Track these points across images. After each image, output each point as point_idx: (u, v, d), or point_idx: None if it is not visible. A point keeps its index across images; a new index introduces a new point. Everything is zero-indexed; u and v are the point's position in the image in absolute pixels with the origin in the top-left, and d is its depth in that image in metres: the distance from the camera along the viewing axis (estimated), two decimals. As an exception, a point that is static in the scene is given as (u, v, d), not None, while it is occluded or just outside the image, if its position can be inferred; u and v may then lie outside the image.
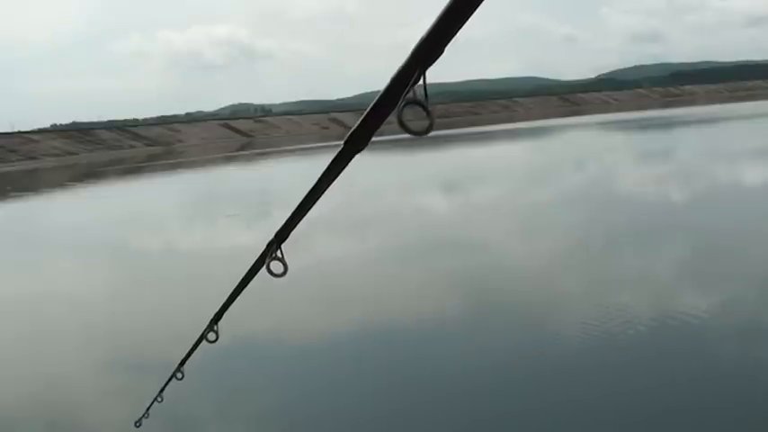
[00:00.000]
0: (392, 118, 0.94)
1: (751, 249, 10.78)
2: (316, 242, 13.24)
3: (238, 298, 1.87)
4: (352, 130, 1.08)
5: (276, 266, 1.45)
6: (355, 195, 19.00)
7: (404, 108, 0.91)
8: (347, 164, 1.18)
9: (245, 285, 1.77)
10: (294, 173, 36.12)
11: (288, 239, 1.45)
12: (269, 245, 1.47)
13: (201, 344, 2.19)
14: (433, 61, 0.89)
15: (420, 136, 0.91)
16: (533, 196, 19.75)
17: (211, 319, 2.08)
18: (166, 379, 2.67)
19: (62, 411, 6.86)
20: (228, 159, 53.79)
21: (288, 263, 1.45)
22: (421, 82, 0.90)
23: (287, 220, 1.41)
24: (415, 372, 6.89)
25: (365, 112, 1.03)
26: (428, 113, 0.92)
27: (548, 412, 5.74)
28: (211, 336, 2.08)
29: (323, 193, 1.29)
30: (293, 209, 1.37)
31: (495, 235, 14.28)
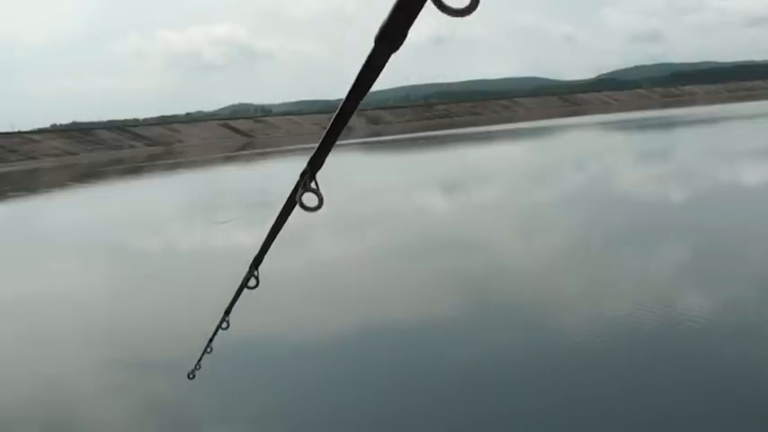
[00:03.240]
0: None
1: (751, 249, 10.77)
2: (317, 242, 13.26)
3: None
4: (383, 23, 0.88)
5: (310, 200, 1.28)
6: (355, 196, 18.99)
7: None
8: (381, 68, 0.96)
9: (281, 225, 1.63)
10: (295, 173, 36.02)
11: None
12: (302, 175, 1.29)
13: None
14: None
15: (461, 16, 0.77)
16: (534, 197, 19.75)
17: (251, 265, 1.98)
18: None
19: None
20: (228, 159, 53.77)
21: (323, 194, 1.27)
22: None
23: (319, 145, 1.22)
24: (432, 368, 6.89)
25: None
26: None
27: (549, 412, 5.73)
28: (252, 282, 2.01)
29: (356, 107, 1.09)
30: (324, 134, 1.18)
31: (497, 235, 14.27)
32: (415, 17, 0.86)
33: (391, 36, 0.89)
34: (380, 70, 0.97)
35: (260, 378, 7.11)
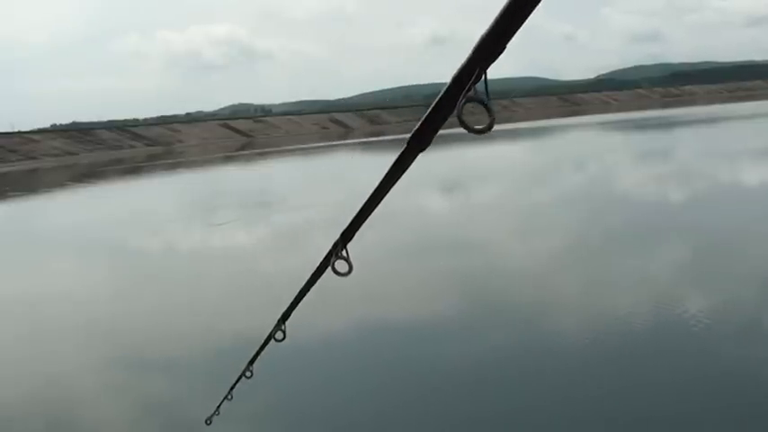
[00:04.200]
0: (453, 116, 0.94)
1: (750, 249, 10.77)
2: (317, 241, 13.23)
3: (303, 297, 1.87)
4: (415, 129, 1.08)
5: (341, 266, 1.46)
6: (356, 196, 19.01)
7: (464, 106, 0.91)
8: (410, 163, 1.18)
9: (312, 285, 1.77)
10: (295, 173, 36.09)
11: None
12: (335, 245, 1.48)
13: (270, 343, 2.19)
14: (494, 59, 0.88)
15: (481, 134, 0.92)
16: (535, 197, 19.75)
17: (279, 319, 2.09)
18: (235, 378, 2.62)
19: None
20: (228, 159, 53.78)
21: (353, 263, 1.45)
22: (482, 80, 0.90)
23: (352, 221, 1.42)
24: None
25: (427, 112, 1.04)
26: (489, 111, 0.92)
27: (549, 411, 5.74)
28: (279, 335, 2.11)
29: (387, 193, 1.31)
30: (358, 209, 1.39)
31: (497, 235, 14.28)
32: (441, 126, 1.05)
33: (421, 140, 1.10)
34: (410, 165, 1.18)
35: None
